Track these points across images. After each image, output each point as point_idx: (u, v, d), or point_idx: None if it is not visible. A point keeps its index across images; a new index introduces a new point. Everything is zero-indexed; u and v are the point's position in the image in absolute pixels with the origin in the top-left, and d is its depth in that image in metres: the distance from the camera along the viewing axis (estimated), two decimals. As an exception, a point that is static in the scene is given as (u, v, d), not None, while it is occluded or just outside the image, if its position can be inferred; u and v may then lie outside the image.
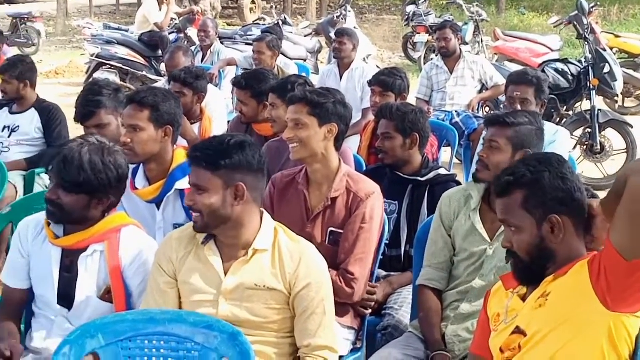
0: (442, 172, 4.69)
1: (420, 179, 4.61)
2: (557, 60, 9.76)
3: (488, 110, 9.94)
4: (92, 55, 13.76)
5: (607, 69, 9.13)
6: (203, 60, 10.49)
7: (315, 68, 13.64)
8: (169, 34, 13.95)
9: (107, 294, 3.42)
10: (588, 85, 9.00)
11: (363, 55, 11.57)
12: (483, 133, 4.11)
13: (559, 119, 9.21)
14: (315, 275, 3.26)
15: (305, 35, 15.07)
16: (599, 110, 8.74)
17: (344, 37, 8.77)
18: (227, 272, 3.25)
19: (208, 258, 3.26)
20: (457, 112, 8.26)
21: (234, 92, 6.04)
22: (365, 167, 5.33)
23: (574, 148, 8.62)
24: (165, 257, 3.31)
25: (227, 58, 10.29)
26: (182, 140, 5.38)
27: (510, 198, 2.88)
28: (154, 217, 4.09)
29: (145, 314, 3.13)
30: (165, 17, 13.99)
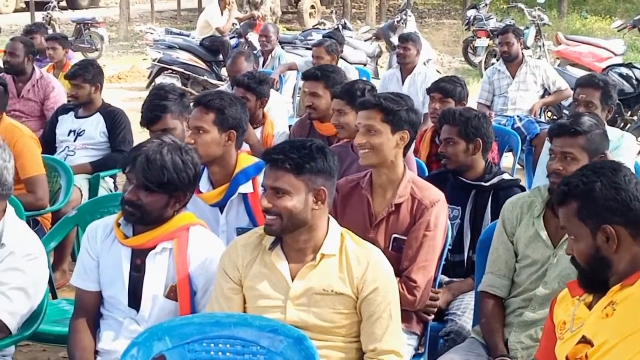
0: (506, 177, 4.65)
1: (484, 184, 4.58)
2: (621, 65, 9.67)
3: (550, 115, 9.86)
4: (154, 60, 13.93)
5: (673, 73, 9.00)
6: (264, 65, 10.56)
7: (375, 72, 13.65)
8: (230, 39, 14.05)
9: (172, 293, 3.46)
10: (653, 90, 8.89)
11: (423, 60, 11.55)
12: (546, 143, 4.04)
13: (623, 124, 9.10)
14: (383, 280, 3.26)
15: (365, 40, 15.09)
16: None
17: (408, 42, 8.80)
18: (294, 277, 3.26)
19: (275, 263, 3.28)
20: (518, 117, 8.23)
21: (304, 85, 6.02)
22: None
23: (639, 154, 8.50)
24: (231, 263, 3.33)
25: (288, 63, 10.35)
26: (244, 145, 5.41)
27: (567, 207, 2.86)
28: (217, 220, 4.12)
29: (211, 317, 3.15)
30: (227, 21, 14.09)
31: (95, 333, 3.55)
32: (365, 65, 13.20)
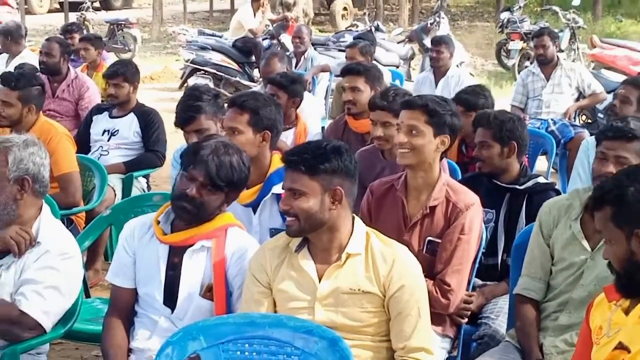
0: (541, 180, 4.61)
1: (519, 188, 4.55)
2: (656, 68, 9.56)
3: (584, 119, 9.78)
4: (186, 61, 13.98)
5: None
6: (296, 67, 10.58)
7: (408, 75, 13.63)
8: (262, 40, 14.08)
9: (208, 292, 3.48)
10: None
11: (456, 62, 11.52)
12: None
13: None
14: (409, 278, 3.26)
15: (398, 42, 15.07)
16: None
17: (442, 45, 8.79)
18: (321, 277, 3.28)
19: (302, 265, 3.30)
20: (553, 120, 8.17)
21: (343, 80, 6.01)
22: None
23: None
24: (259, 267, 3.35)
25: (321, 64, 10.36)
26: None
27: (602, 212, 2.85)
28: (250, 220, 4.12)
29: (246, 318, 3.17)
30: (260, 23, 14.14)
31: (129, 331, 3.57)
32: (398, 68, 13.18)
